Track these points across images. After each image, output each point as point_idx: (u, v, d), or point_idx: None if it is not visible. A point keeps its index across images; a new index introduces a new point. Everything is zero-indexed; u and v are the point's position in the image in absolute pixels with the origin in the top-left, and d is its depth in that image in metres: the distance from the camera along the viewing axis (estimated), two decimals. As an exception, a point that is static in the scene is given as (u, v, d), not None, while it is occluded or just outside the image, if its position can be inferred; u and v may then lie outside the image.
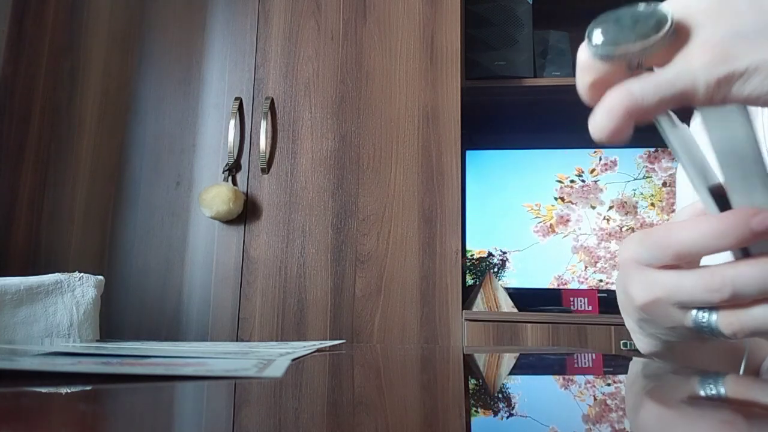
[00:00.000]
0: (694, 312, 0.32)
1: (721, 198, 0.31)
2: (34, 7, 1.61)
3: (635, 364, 0.49)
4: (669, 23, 0.26)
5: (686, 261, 0.31)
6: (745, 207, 0.29)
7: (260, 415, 0.21)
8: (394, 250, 1.40)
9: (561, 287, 1.61)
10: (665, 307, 0.33)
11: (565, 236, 1.65)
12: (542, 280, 1.63)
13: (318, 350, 0.49)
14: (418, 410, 0.24)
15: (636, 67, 0.28)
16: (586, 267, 1.62)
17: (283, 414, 0.21)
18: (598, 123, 0.29)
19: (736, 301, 0.30)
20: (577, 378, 0.41)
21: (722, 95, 0.26)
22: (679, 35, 0.27)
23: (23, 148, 1.55)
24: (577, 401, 0.30)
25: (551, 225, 1.66)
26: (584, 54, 0.29)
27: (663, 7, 0.27)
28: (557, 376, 0.43)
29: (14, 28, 1.61)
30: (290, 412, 0.21)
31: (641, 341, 0.44)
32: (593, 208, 1.66)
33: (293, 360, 0.36)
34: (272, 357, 0.36)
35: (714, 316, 0.31)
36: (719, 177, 0.31)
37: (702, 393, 0.31)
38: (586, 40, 0.28)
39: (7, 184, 1.53)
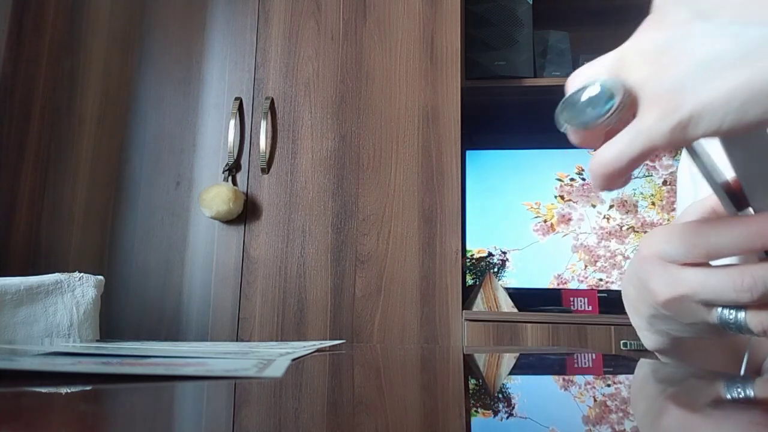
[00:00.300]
0: (719, 309, 0.32)
1: (734, 195, 0.32)
2: (34, 7, 1.61)
3: (642, 366, 0.49)
4: (618, 99, 0.28)
5: (714, 259, 0.32)
6: None
7: (260, 415, 0.21)
8: (394, 250, 1.40)
9: (561, 287, 1.61)
10: (689, 304, 0.33)
11: (565, 235, 1.64)
12: (542, 279, 1.63)
13: (318, 350, 0.49)
14: (418, 410, 0.24)
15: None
16: (586, 266, 1.62)
17: (283, 414, 0.21)
18: (592, 184, 0.32)
19: (766, 300, 0.30)
20: (577, 378, 0.41)
21: (681, 141, 0.27)
22: (632, 97, 0.28)
23: (23, 148, 1.55)
24: (577, 402, 0.30)
25: (551, 224, 1.66)
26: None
27: (611, 81, 0.28)
28: (557, 377, 0.43)
29: (14, 28, 1.61)
30: (290, 412, 0.21)
31: (648, 338, 0.44)
32: (593, 206, 1.66)
33: (293, 360, 0.36)
34: (272, 357, 0.35)
35: (742, 314, 0.31)
36: (727, 174, 0.32)
37: (722, 396, 0.31)
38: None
39: (7, 184, 1.53)
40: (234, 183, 1.46)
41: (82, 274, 0.74)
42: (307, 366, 0.36)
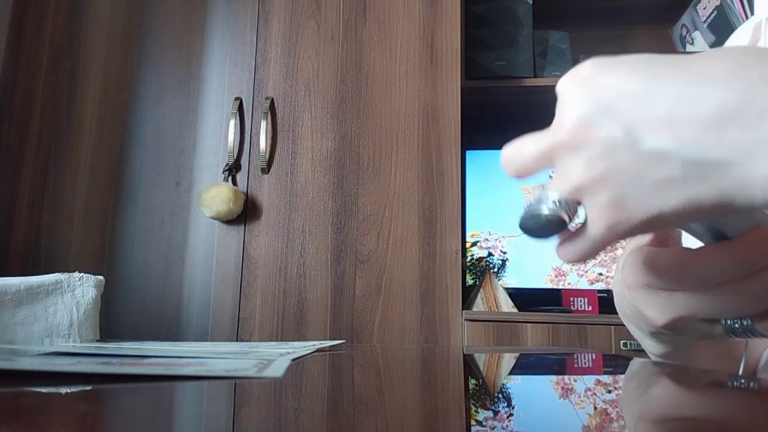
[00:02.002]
0: (724, 321, 0.33)
1: (710, 225, 0.32)
2: (34, 7, 1.61)
3: (634, 365, 0.49)
4: (563, 218, 0.30)
5: (701, 289, 0.32)
6: (754, 231, 0.30)
7: (260, 415, 0.21)
8: (394, 250, 1.40)
9: (560, 287, 1.60)
10: (690, 322, 0.34)
11: None
12: (539, 271, 1.62)
13: (318, 350, 0.49)
14: (418, 410, 0.24)
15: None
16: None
17: (283, 414, 0.21)
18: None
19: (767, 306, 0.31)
20: (576, 378, 0.41)
21: (640, 233, 0.29)
22: (575, 202, 0.30)
23: (23, 148, 1.55)
24: (577, 401, 0.30)
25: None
26: None
27: (554, 204, 0.30)
28: (557, 377, 0.43)
29: (14, 28, 1.61)
30: (290, 412, 0.21)
31: (651, 346, 0.45)
32: None
33: (293, 360, 0.36)
34: (272, 357, 0.35)
35: (747, 322, 0.32)
36: None
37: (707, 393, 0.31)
38: None
39: (7, 184, 1.53)
40: (234, 183, 1.46)
41: (82, 274, 0.74)
42: (307, 366, 0.36)
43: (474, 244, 1.65)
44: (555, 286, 1.61)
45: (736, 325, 0.33)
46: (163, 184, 1.49)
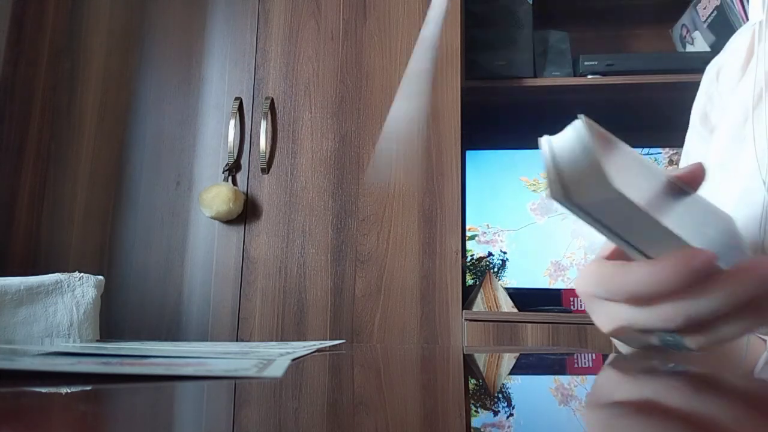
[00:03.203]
0: (658, 333, 0.35)
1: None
2: (34, 7, 1.61)
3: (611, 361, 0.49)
4: None
5: (634, 301, 0.35)
6: (684, 250, 0.31)
7: (260, 415, 0.21)
8: (394, 250, 1.40)
9: (560, 287, 1.60)
10: (630, 332, 0.37)
11: (564, 218, 1.62)
12: (538, 265, 1.61)
13: (318, 350, 0.49)
14: (418, 410, 0.24)
15: None
16: (585, 254, 1.60)
17: (283, 414, 0.21)
18: None
19: (695, 324, 0.33)
20: (576, 378, 0.41)
21: None
22: None
23: (23, 148, 1.55)
24: (576, 400, 0.30)
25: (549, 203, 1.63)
26: None
27: None
28: (557, 377, 0.43)
29: (14, 28, 1.61)
30: (290, 412, 0.21)
31: (620, 346, 0.49)
32: None
33: (293, 360, 0.36)
34: (272, 357, 0.35)
35: (678, 335, 0.35)
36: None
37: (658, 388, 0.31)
38: None
39: (7, 184, 1.53)
40: (234, 183, 1.46)
41: (82, 274, 0.74)
42: (307, 366, 0.36)
43: (472, 237, 1.64)
44: (554, 283, 1.61)
45: (669, 338, 0.35)
46: (163, 184, 1.49)
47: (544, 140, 0.35)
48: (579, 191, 0.31)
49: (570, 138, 0.34)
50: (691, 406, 0.25)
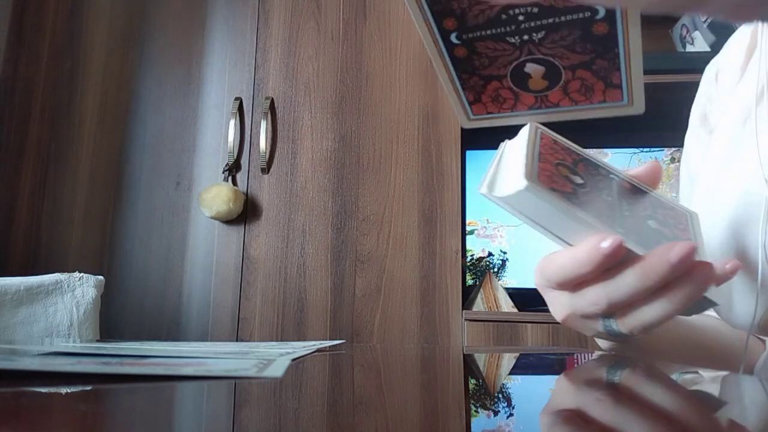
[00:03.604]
0: (601, 320, 0.38)
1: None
2: (34, 7, 1.61)
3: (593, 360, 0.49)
4: None
5: (570, 287, 0.37)
6: (595, 236, 0.34)
7: (260, 415, 0.21)
8: (394, 250, 1.40)
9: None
10: (577, 319, 0.39)
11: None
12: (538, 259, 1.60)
13: (318, 350, 0.49)
14: (418, 410, 0.24)
15: None
16: None
17: (283, 414, 0.21)
18: None
19: (619, 306, 0.35)
20: (576, 378, 0.41)
21: None
22: None
23: (23, 148, 1.55)
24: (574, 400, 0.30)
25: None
26: None
27: None
28: (557, 376, 0.43)
29: (14, 28, 1.61)
30: (290, 412, 0.21)
31: (602, 342, 0.51)
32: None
33: (293, 360, 0.36)
34: (272, 357, 0.35)
35: (613, 320, 0.37)
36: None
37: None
38: None
39: (7, 184, 1.53)
40: (234, 183, 1.46)
41: (82, 274, 0.74)
42: (307, 366, 0.36)
43: (471, 232, 1.64)
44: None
45: (608, 324, 0.37)
46: (163, 184, 1.49)
47: (503, 143, 0.39)
48: (500, 185, 0.35)
49: (516, 141, 0.38)
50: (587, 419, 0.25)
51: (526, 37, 0.34)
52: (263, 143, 1.45)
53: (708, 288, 0.34)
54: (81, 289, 0.69)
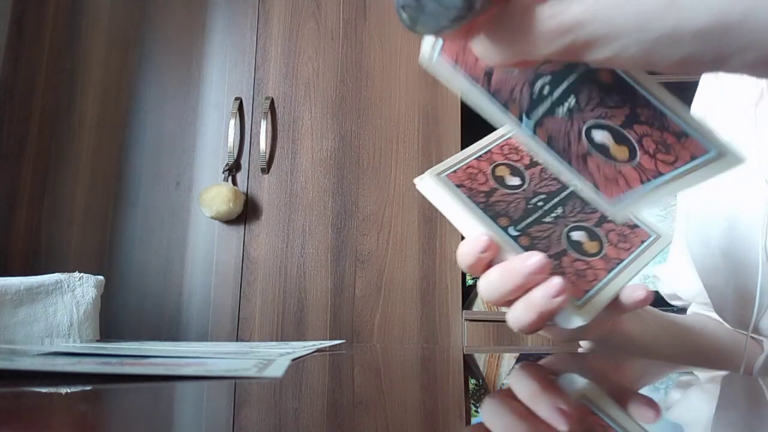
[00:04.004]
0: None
1: None
2: (34, 7, 1.61)
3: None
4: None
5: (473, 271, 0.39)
6: (475, 234, 0.37)
7: (260, 415, 0.21)
8: (394, 250, 1.40)
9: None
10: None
11: None
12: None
13: (318, 350, 0.49)
14: (418, 410, 0.24)
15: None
16: None
17: (283, 414, 0.21)
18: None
19: (495, 303, 0.37)
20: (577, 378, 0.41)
21: (563, 57, 0.25)
22: None
23: (23, 148, 1.55)
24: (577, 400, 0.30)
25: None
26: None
27: None
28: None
29: (14, 28, 1.61)
30: (290, 412, 0.21)
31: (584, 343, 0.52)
32: None
33: (293, 360, 0.36)
34: (272, 357, 0.36)
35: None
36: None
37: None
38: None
39: (7, 184, 1.53)
40: (234, 183, 1.46)
41: (82, 274, 0.74)
42: (307, 366, 0.36)
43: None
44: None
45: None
46: (163, 184, 1.49)
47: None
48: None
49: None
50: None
51: (565, 105, 0.31)
52: (263, 143, 1.45)
53: (561, 304, 0.36)
54: (81, 289, 0.69)
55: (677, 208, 0.65)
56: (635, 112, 0.29)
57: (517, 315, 0.36)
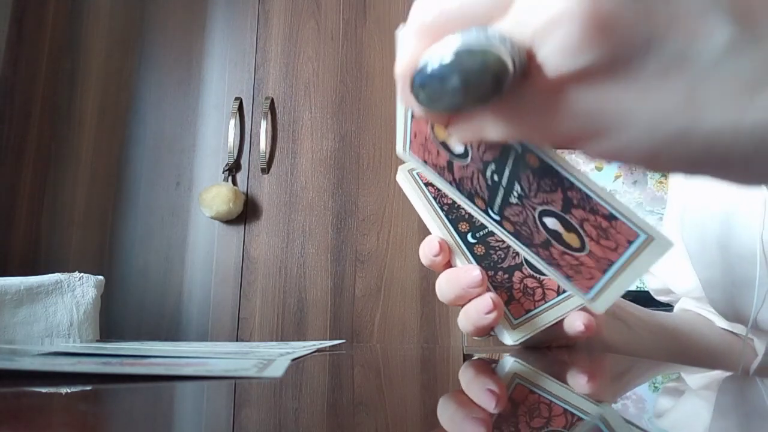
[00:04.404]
0: None
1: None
2: (34, 7, 1.61)
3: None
4: (509, 74, 0.21)
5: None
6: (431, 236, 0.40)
7: (260, 415, 0.21)
8: (394, 250, 1.40)
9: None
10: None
11: None
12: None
13: (318, 350, 0.49)
14: (418, 410, 0.24)
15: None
16: None
17: (283, 414, 0.21)
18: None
19: (449, 304, 0.41)
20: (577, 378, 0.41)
21: (565, 147, 0.25)
22: (529, 59, 0.21)
23: (23, 148, 1.55)
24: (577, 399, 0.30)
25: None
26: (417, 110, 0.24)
27: (498, 48, 0.20)
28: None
29: (14, 28, 1.61)
30: (290, 412, 0.21)
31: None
32: (599, 170, 1.65)
33: (293, 360, 0.36)
34: (272, 357, 0.36)
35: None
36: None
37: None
38: (413, 98, 0.23)
39: (7, 184, 1.53)
40: (234, 183, 1.46)
41: (82, 274, 0.74)
42: (307, 366, 0.36)
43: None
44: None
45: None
46: (163, 184, 1.49)
47: None
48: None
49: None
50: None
51: (515, 192, 0.29)
52: (263, 143, 1.45)
53: (493, 320, 0.38)
54: (81, 289, 0.69)
55: (668, 202, 0.65)
56: (567, 195, 0.27)
57: (460, 321, 0.39)
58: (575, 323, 0.40)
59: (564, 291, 0.41)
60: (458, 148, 0.29)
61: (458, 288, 0.37)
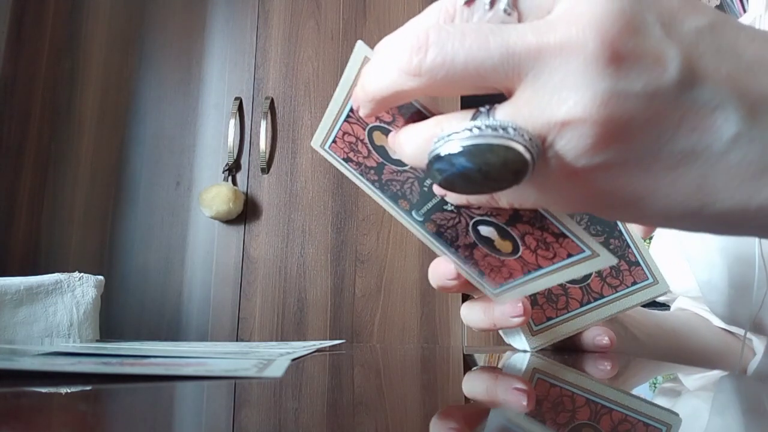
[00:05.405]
0: None
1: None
2: (34, 7, 1.61)
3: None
4: (529, 168, 0.21)
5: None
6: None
7: (260, 415, 0.21)
8: (394, 250, 1.40)
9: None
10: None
11: None
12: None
13: (318, 350, 0.49)
14: (418, 410, 0.24)
15: None
16: None
17: (283, 414, 0.21)
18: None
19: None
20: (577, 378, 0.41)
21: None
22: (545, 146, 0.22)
23: (23, 148, 1.55)
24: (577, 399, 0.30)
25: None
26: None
27: (517, 144, 0.21)
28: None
29: (14, 28, 1.61)
30: (290, 412, 0.21)
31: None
32: None
33: (293, 360, 0.36)
34: (272, 357, 0.36)
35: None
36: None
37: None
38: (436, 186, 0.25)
39: (7, 184, 1.53)
40: (234, 183, 1.46)
41: (82, 274, 0.74)
42: (307, 366, 0.36)
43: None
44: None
45: None
46: (163, 184, 1.49)
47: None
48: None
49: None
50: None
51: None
52: (263, 143, 1.45)
53: (518, 324, 0.37)
54: (81, 289, 0.69)
55: None
56: (518, 213, 0.29)
57: (473, 316, 0.38)
58: (600, 337, 0.40)
59: (587, 302, 0.41)
60: (397, 156, 0.30)
61: (439, 281, 0.37)
